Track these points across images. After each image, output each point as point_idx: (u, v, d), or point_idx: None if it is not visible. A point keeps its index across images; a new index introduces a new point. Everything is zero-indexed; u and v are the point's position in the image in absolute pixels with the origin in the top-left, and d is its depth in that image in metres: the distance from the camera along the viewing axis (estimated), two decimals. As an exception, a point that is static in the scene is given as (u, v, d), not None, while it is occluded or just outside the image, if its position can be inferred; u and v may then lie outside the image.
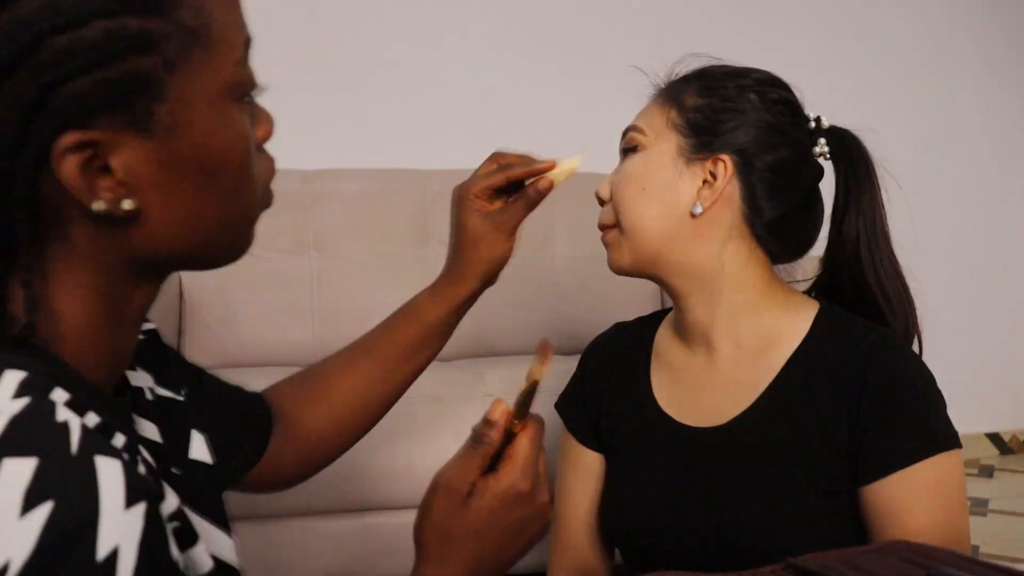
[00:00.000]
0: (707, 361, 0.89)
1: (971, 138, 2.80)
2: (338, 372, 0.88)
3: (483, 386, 1.53)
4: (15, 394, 0.42)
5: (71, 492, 0.40)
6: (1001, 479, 2.50)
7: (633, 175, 0.88)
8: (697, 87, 0.88)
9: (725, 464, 0.85)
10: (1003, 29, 2.86)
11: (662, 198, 0.86)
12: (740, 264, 0.86)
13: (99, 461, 0.41)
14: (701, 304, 0.88)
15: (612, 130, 2.47)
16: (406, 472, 1.43)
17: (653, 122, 0.88)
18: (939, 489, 0.78)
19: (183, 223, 0.51)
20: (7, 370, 0.43)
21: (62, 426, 0.42)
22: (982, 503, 2.25)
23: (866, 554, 0.47)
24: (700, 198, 0.85)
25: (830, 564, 0.46)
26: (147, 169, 0.47)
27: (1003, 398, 2.80)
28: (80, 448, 0.41)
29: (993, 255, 2.87)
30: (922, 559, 0.45)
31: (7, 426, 0.41)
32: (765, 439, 0.84)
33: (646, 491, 0.90)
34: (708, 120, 0.86)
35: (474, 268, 0.86)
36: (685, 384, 0.91)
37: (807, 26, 2.66)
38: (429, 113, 2.35)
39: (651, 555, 0.88)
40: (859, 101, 2.66)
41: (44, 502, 0.39)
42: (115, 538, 0.40)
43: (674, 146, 0.86)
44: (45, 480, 0.40)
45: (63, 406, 0.43)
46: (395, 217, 2.00)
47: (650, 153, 0.87)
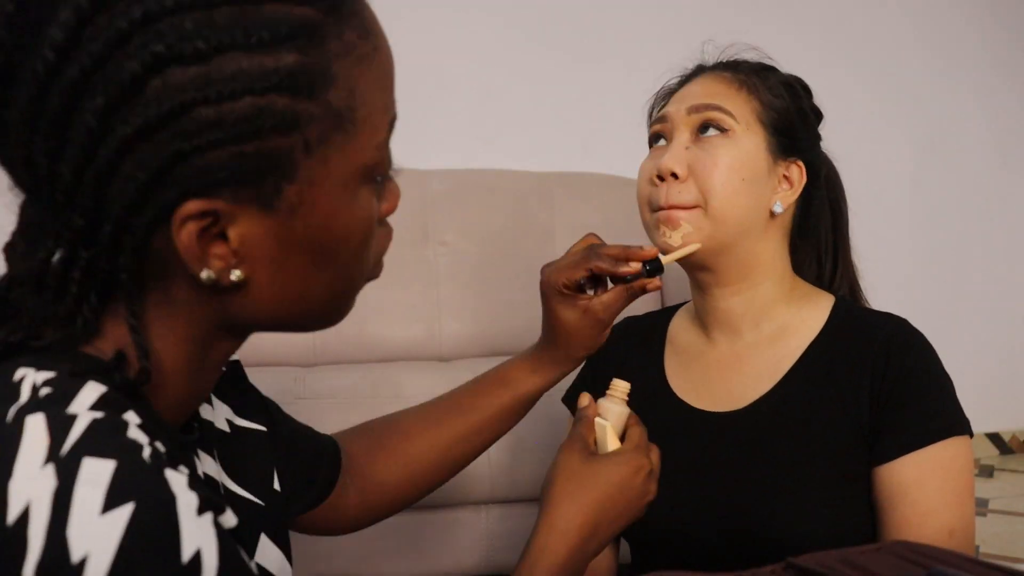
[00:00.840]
0: (728, 349, 0.91)
1: (972, 138, 2.80)
2: (419, 427, 0.86)
3: (483, 386, 1.53)
4: (93, 406, 0.43)
5: (151, 495, 0.41)
6: (1001, 479, 2.50)
7: (732, 161, 0.84)
8: (775, 85, 0.89)
9: (744, 447, 0.86)
10: (1004, 29, 2.86)
11: (755, 190, 0.85)
12: (782, 260, 0.90)
13: (169, 475, 0.42)
14: (739, 294, 0.89)
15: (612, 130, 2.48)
16: (406, 472, 1.43)
17: (740, 109, 0.86)
18: (951, 470, 0.80)
19: (287, 296, 0.50)
20: (91, 381, 0.44)
21: (134, 441, 0.43)
22: (982, 503, 2.25)
23: (866, 553, 0.47)
24: (780, 198, 0.87)
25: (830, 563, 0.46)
26: (263, 243, 0.47)
27: (1003, 398, 2.80)
28: (152, 460, 0.42)
29: (994, 255, 2.87)
30: (922, 558, 0.45)
31: (87, 429, 0.41)
32: (785, 422, 0.85)
33: (660, 475, 0.90)
34: (789, 124, 0.87)
35: (574, 353, 0.83)
36: (702, 371, 0.93)
37: (807, 26, 2.66)
38: (429, 113, 2.36)
39: (664, 541, 0.89)
40: (859, 101, 2.67)
41: (126, 503, 0.39)
42: (196, 541, 0.41)
43: (763, 140, 0.86)
44: (125, 481, 0.40)
45: (135, 427, 0.44)
46: (395, 217, 1.99)
47: (743, 142, 0.85)
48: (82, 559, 0.38)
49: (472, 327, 1.94)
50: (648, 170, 0.89)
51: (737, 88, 0.88)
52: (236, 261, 0.47)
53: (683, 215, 0.83)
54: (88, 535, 0.39)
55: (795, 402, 0.86)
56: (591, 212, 2.10)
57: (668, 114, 0.89)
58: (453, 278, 1.94)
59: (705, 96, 0.87)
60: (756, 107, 0.87)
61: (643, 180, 0.89)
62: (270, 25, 0.43)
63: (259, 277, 0.48)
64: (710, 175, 0.83)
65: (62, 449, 0.40)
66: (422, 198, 2.03)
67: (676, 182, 0.84)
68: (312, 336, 1.89)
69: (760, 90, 0.88)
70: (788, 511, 0.82)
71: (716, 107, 0.86)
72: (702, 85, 0.89)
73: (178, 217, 0.44)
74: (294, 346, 1.88)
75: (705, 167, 0.83)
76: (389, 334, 1.92)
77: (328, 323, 0.55)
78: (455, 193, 2.00)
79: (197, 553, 0.41)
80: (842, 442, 0.83)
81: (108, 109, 0.41)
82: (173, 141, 0.42)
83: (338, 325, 0.56)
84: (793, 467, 0.83)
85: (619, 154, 2.23)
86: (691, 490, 0.88)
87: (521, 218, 2.03)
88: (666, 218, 0.84)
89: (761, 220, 0.86)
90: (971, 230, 2.85)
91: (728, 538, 0.84)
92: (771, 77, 0.91)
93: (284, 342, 1.88)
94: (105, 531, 0.39)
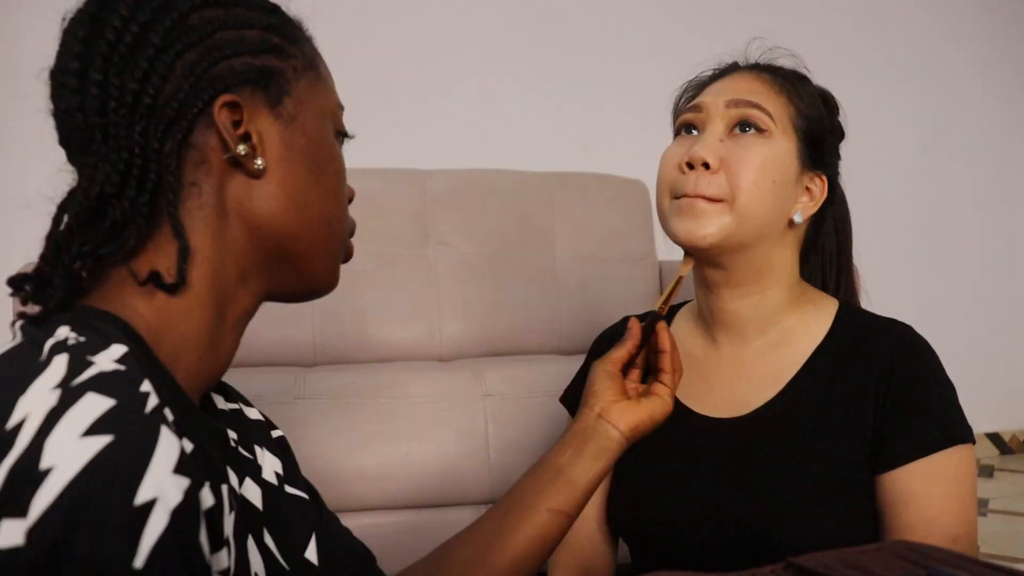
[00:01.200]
0: (732, 353, 0.90)
1: (972, 138, 2.80)
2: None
3: (483, 386, 1.53)
4: (116, 360, 0.48)
5: (131, 436, 0.44)
6: (1001, 479, 2.50)
7: (766, 161, 0.82)
8: (810, 95, 0.89)
9: (746, 454, 0.86)
10: (1004, 28, 2.86)
11: (781, 194, 0.84)
12: (793, 269, 0.90)
13: (163, 429, 0.46)
14: (748, 296, 0.88)
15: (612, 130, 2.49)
16: (406, 472, 1.43)
17: (778, 111, 0.85)
18: (955, 478, 0.80)
19: (294, 200, 0.62)
20: (115, 344, 0.49)
21: (143, 394, 0.47)
22: (982, 503, 2.25)
23: (866, 553, 0.47)
24: (801, 208, 0.86)
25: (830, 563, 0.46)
26: (274, 142, 0.61)
27: (1003, 398, 2.80)
28: (151, 414, 0.46)
29: (994, 254, 2.87)
30: (922, 559, 0.45)
31: (100, 373, 0.46)
32: (789, 429, 0.85)
33: (662, 482, 0.90)
34: (819, 136, 0.87)
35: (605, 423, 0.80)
36: (705, 376, 0.92)
37: (807, 26, 2.66)
38: (429, 113, 2.36)
39: (665, 545, 0.88)
40: (859, 101, 2.66)
41: (106, 434, 0.43)
42: (155, 492, 0.43)
43: (795, 148, 0.85)
44: (114, 418, 0.44)
45: (148, 384, 0.48)
46: (395, 217, 2.00)
47: (778, 144, 0.84)
48: (48, 468, 0.42)
49: (472, 327, 1.94)
50: (676, 155, 0.85)
51: (777, 91, 0.86)
52: (256, 153, 0.60)
53: (708, 207, 0.81)
54: (61, 450, 0.42)
55: (799, 409, 0.85)
56: (591, 212, 2.10)
57: (704, 104, 0.86)
58: (453, 278, 1.94)
59: (746, 92, 0.85)
60: (793, 113, 0.86)
61: (668, 166, 0.86)
62: (260, 3, 0.63)
63: (274, 172, 0.61)
64: (743, 170, 0.81)
65: (73, 381, 0.45)
66: (422, 198, 2.03)
67: (706, 172, 0.82)
68: (312, 336, 1.89)
69: (800, 97, 0.87)
70: (790, 518, 0.81)
71: (757, 105, 0.84)
72: (741, 81, 0.87)
73: (216, 106, 0.58)
74: (294, 346, 1.88)
75: (740, 161, 0.82)
76: (389, 334, 1.91)
77: (320, 271, 0.66)
78: (455, 193, 2.00)
79: (151, 502, 0.43)
80: (846, 449, 0.82)
81: (166, 33, 0.57)
82: (210, 51, 0.58)
83: (338, 325, 0.59)
84: (796, 474, 0.83)
85: (619, 154, 2.23)
86: (693, 496, 0.87)
87: (521, 218, 2.03)
88: (690, 207, 0.82)
89: (780, 226, 0.85)
90: (972, 229, 2.85)
91: (729, 544, 0.84)
92: (806, 86, 0.90)
93: (284, 342, 1.88)
94: (77, 451, 0.42)
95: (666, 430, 0.86)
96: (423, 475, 1.44)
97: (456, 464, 1.45)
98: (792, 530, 0.81)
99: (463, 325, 1.93)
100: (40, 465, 0.42)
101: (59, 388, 0.45)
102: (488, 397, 1.50)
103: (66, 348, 0.48)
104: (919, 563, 0.44)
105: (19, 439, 0.43)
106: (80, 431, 0.43)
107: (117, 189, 0.55)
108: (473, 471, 1.45)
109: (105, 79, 0.56)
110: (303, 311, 1.92)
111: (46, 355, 0.47)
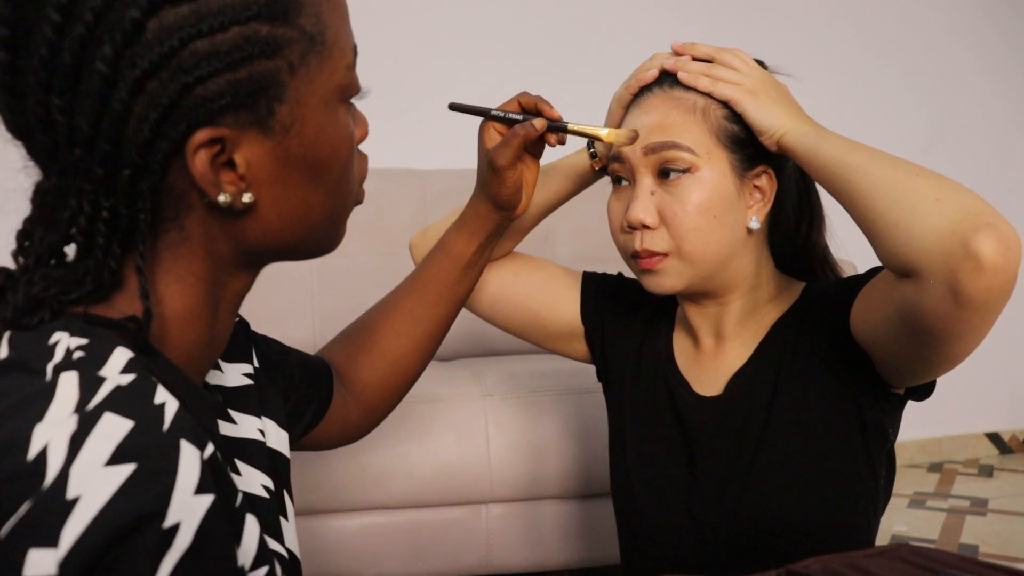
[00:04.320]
0: (713, 343, 0.92)
1: (972, 138, 2.80)
2: (382, 319, 0.91)
3: (483, 386, 1.53)
4: (123, 369, 0.46)
5: (155, 461, 0.43)
6: (1001, 479, 2.50)
7: (701, 202, 0.81)
8: None
9: (728, 429, 0.87)
10: (1004, 28, 2.86)
11: (728, 221, 0.82)
12: (767, 263, 0.90)
13: (184, 445, 0.45)
14: (725, 304, 0.89)
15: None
16: (406, 472, 1.43)
17: (699, 139, 0.81)
18: None
19: (292, 215, 0.56)
20: (119, 347, 0.47)
21: (159, 406, 0.45)
22: (982, 503, 2.25)
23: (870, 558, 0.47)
24: (755, 212, 0.85)
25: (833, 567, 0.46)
26: (266, 164, 0.52)
27: (1003, 398, 2.80)
28: (171, 427, 0.45)
29: (993, 255, 2.87)
30: (927, 562, 0.45)
31: (115, 390, 0.45)
32: (758, 397, 0.85)
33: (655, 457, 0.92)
34: (746, 131, 0.82)
35: (493, 202, 0.88)
36: (696, 354, 0.94)
37: (807, 26, 2.66)
38: (429, 113, 2.35)
39: (654, 528, 0.90)
40: (859, 101, 2.66)
41: (130, 462, 0.42)
42: (180, 516, 0.43)
43: (727, 164, 0.82)
44: (135, 443, 0.43)
45: (162, 388, 0.47)
46: (395, 217, 2.00)
47: (707, 175, 0.81)
48: (75, 498, 0.41)
49: (472, 327, 1.94)
50: (618, 214, 0.87)
51: (690, 108, 0.82)
52: (245, 185, 0.52)
53: (657, 263, 0.83)
54: (87, 479, 0.41)
55: (767, 372, 0.86)
56: (591, 212, 2.09)
57: (624, 155, 0.84)
58: (453, 278, 1.94)
59: (659, 131, 0.82)
60: (712, 126, 0.82)
61: (615, 227, 0.87)
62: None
63: (266, 198, 0.54)
64: (681, 222, 0.81)
65: (89, 404, 0.44)
66: (422, 198, 2.03)
67: (648, 230, 0.82)
68: (312, 336, 1.89)
69: (709, 106, 0.82)
70: (783, 489, 0.82)
71: (674, 144, 0.81)
72: (653, 113, 0.83)
73: (191, 147, 0.49)
74: (294, 346, 1.88)
75: (675, 214, 0.81)
76: (389, 334, 1.91)
77: (326, 248, 0.62)
78: (455, 193, 2.00)
79: (176, 526, 0.43)
80: (827, 395, 0.82)
81: (115, 55, 0.46)
82: (176, 76, 0.47)
83: (338, 325, 0.60)
84: (780, 442, 0.83)
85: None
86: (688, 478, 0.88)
87: (521, 218, 2.02)
88: (646, 265, 0.84)
89: (739, 242, 0.84)
90: (971, 230, 2.84)
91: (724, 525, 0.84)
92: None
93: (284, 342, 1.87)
94: (103, 481, 0.41)
95: (666, 402, 0.91)
96: (423, 475, 1.44)
97: (456, 464, 1.45)
98: (783, 499, 0.81)
99: (463, 325, 1.93)
100: (67, 495, 0.41)
101: (76, 413, 0.43)
102: (488, 397, 1.50)
103: (72, 365, 0.46)
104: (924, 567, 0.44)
105: (48, 469, 0.41)
106: (103, 460, 0.42)
107: (86, 236, 0.50)
108: (473, 471, 1.45)
109: (47, 111, 0.47)
110: (303, 311, 1.92)
111: (51, 376, 0.45)
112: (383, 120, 2.32)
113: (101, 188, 0.49)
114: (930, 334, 0.67)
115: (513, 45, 2.43)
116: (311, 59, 0.53)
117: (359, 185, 0.63)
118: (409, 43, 2.35)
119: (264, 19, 0.49)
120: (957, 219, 0.62)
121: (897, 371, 0.77)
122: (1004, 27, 2.85)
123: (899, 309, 0.68)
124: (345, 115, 0.58)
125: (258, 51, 0.49)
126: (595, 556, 1.53)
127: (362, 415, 0.90)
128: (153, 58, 0.46)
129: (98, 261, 0.49)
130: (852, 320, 0.78)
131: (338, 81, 0.56)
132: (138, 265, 0.51)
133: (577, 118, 0.86)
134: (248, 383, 0.72)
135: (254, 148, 0.52)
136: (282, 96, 0.52)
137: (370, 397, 0.90)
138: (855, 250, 1.02)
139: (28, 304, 0.49)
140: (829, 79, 2.58)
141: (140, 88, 0.46)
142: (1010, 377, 2.78)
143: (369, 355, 0.90)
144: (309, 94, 0.53)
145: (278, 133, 0.52)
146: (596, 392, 1.15)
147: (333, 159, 0.57)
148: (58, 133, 0.47)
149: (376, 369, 0.89)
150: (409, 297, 0.91)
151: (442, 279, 0.91)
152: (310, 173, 0.55)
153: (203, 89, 0.48)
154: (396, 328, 0.90)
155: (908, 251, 0.64)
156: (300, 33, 0.52)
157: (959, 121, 2.80)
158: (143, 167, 0.49)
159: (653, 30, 2.46)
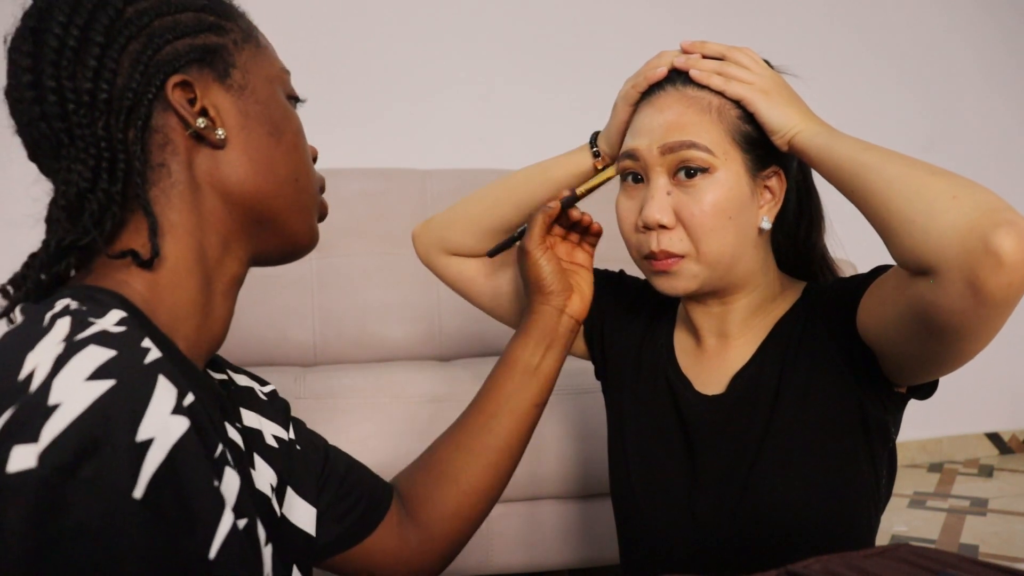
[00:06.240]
0: (717, 343, 0.92)
1: (973, 138, 2.80)
2: (460, 462, 0.88)
3: (483, 386, 1.53)
4: (116, 323, 0.52)
5: (132, 381, 0.48)
6: (1001, 479, 2.50)
7: (718, 203, 0.81)
8: None
9: (730, 426, 0.86)
10: (1004, 28, 2.86)
11: (742, 221, 0.82)
12: (768, 264, 0.89)
13: (161, 379, 0.50)
14: (730, 303, 0.89)
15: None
16: (406, 472, 1.43)
17: (715, 139, 0.81)
18: None
19: (260, 161, 0.66)
20: (115, 310, 0.53)
21: (144, 349, 0.51)
22: (982, 503, 2.25)
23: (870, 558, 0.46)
24: (766, 212, 0.85)
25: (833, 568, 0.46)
26: (231, 112, 0.65)
27: (1003, 398, 2.80)
28: (152, 364, 0.50)
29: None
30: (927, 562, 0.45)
31: (102, 330, 0.50)
32: (761, 394, 0.85)
33: (656, 451, 0.92)
34: (759, 131, 0.82)
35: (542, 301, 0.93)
36: (697, 354, 0.94)
37: (807, 26, 2.66)
38: (429, 113, 2.35)
39: (655, 525, 0.90)
40: (859, 101, 2.66)
41: (108, 379, 0.47)
42: (153, 432, 0.47)
43: (741, 164, 0.82)
44: (116, 365, 0.48)
45: (149, 340, 0.53)
46: (395, 217, 1.99)
47: (724, 176, 0.81)
48: (56, 404, 0.45)
49: (472, 327, 1.94)
50: (630, 213, 0.86)
51: (705, 108, 0.82)
52: (216, 124, 0.64)
53: (674, 264, 0.83)
54: (68, 389, 0.46)
55: (770, 370, 0.86)
56: (591, 212, 2.09)
57: (639, 152, 0.84)
58: (453, 278, 1.94)
59: (677, 129, 0.81)
60: (727, 127, 0.82)
61: (626, 225, 0.86)
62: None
63: (235, 140, 0.65)
64: (698, 222, 0.81)
65: (77, 336, 0.49)
66: (422, 198, 2.03)
67: (665, 231, 0.82)
68: (312, 336, 1.89)
69: (724, 105, 0.82)
70: (785, 488, 0.82)
71: (692, 144, 0.80)
72: (669, 112, 0.83)
73: (169, 86, 0.62)
74: (294, 346, 1.88)
75: (693, 215, 0.81)
76: (389, 334, 1.91)
77: (300, 229, 0.70)
78: (455, 193, 2.00)
79: (149, 440, 0.47)
80: (830, 393, 0.82)
81: (106, 30, 0.60)
82: (151, 40, 0.61)
83: (338, 325, 0.60)
84: (782, 441, 0.83)
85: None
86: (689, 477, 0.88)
87: (521, 218, 2.02)
88: (661, 267, 0.83)
89: (751, 242, 0.85)
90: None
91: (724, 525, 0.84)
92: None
93: (284, 342, 1.88)
94: (83, 392, 0.46)
95: (667, 402, 0.91)
96: (423, 475, 1.44)
97: (456, 464, 1.45)
98: (784, 493, 0.81)
99: (463, 325, 1.93)
100: (48, 401, 0.45)
101: (64, 342, 0.49)
102: (488, 397, 1.50)
103: (68, 313, 0.52)
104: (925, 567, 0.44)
105: (33, 383, 0.46)
106: (84, 375, 0.47)
107: (91, 184, 0.59)
108: (473, 471, 1.45)
109: (59, 84, 0.59)
110: (303, 311, 1.91)
111: (48, 321, 0.51)
112: (383, 120, 2.32)
113: (101, 141, 0.59)
114: (944, 331, 0.66)
115: (512, 45, 2.42)
116: (250, 45, 0.67)
117: (319, 190, 0.73)
118: (408, 43, 2.35)
119: (210, 11, 0.66)
120: (976, 215, 0.62)
121: (904, 369, 0.77)
122: (1004, 27, 2.85)
123: (912, 307, 0.68)
124: (289, 104, 0.70)
125: (208, 27, 0.64)
126: (594, 556, 1.52)
127: (422, 542, 0.85)
128: (132, 30, 0.61)
129: (102, 204, 0.59)
130: (860, 319, 0.78)
131: (276, 73, 0.69)
132: (144, 206, 0.60)
133: (577, 117, 0.87)
134: (274, 446, 0.75)
135: (219, 98, 0.64)
136: (233, 61, 0.65)
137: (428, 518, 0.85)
138: (855, 250, 1.02)
139: (55, 255, 0.59)
140: (829, 79, 2.58)
141: (124, 48, 0.60)
142: (1010, 377, 2.78)
143: (426, 471, 0.88)
144: (254, 67, 0.67)
145: (236, 90, 0.65)
146: (596, 392, 1.15)
147: (286, 121, 0.68)
148: (66, 100, 0.59)
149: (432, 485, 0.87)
150: (470, 411, 0.90)
151: (499, 387, 0.89)
152: (269, 127, 0.67)
153: (171, 48, 0.62)
154: (456, 442, 0.88)
155: (925, 248, 0.64)
156: (237, 26, 0.67)
157: (959, 121, 2.80)
158: (132, 110, 0.60)
159: (653, 30, 2.46)
